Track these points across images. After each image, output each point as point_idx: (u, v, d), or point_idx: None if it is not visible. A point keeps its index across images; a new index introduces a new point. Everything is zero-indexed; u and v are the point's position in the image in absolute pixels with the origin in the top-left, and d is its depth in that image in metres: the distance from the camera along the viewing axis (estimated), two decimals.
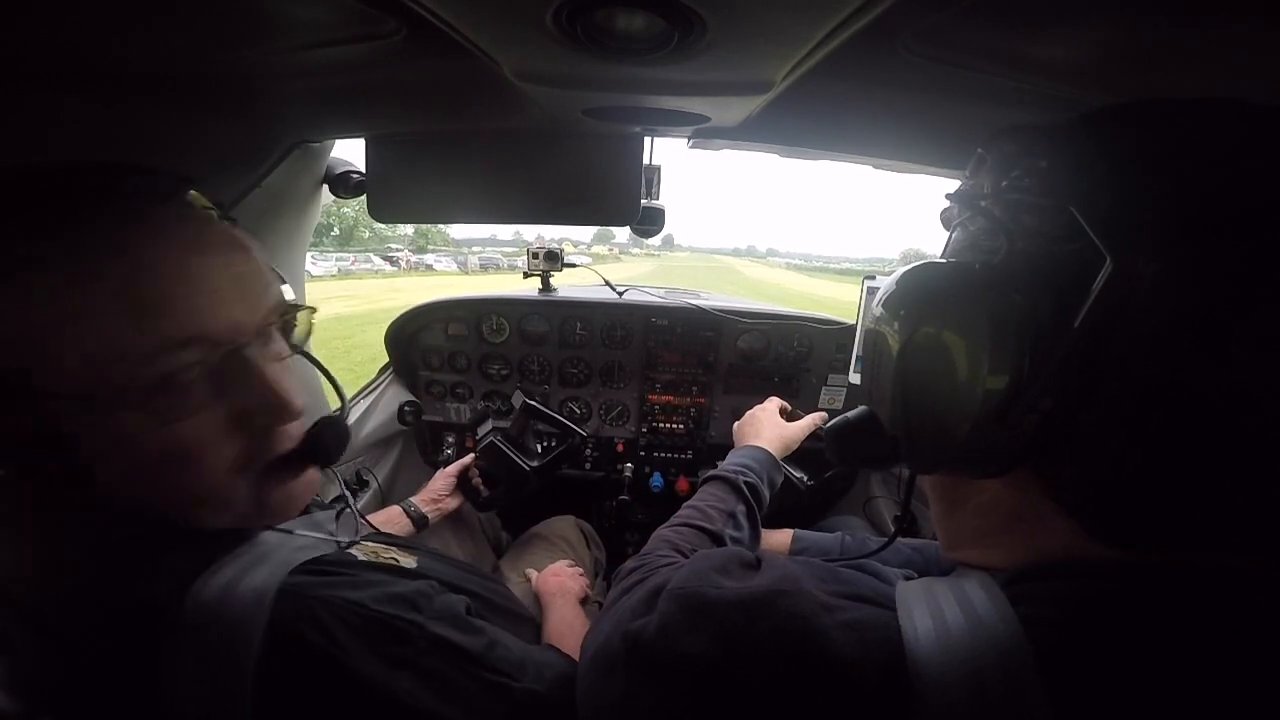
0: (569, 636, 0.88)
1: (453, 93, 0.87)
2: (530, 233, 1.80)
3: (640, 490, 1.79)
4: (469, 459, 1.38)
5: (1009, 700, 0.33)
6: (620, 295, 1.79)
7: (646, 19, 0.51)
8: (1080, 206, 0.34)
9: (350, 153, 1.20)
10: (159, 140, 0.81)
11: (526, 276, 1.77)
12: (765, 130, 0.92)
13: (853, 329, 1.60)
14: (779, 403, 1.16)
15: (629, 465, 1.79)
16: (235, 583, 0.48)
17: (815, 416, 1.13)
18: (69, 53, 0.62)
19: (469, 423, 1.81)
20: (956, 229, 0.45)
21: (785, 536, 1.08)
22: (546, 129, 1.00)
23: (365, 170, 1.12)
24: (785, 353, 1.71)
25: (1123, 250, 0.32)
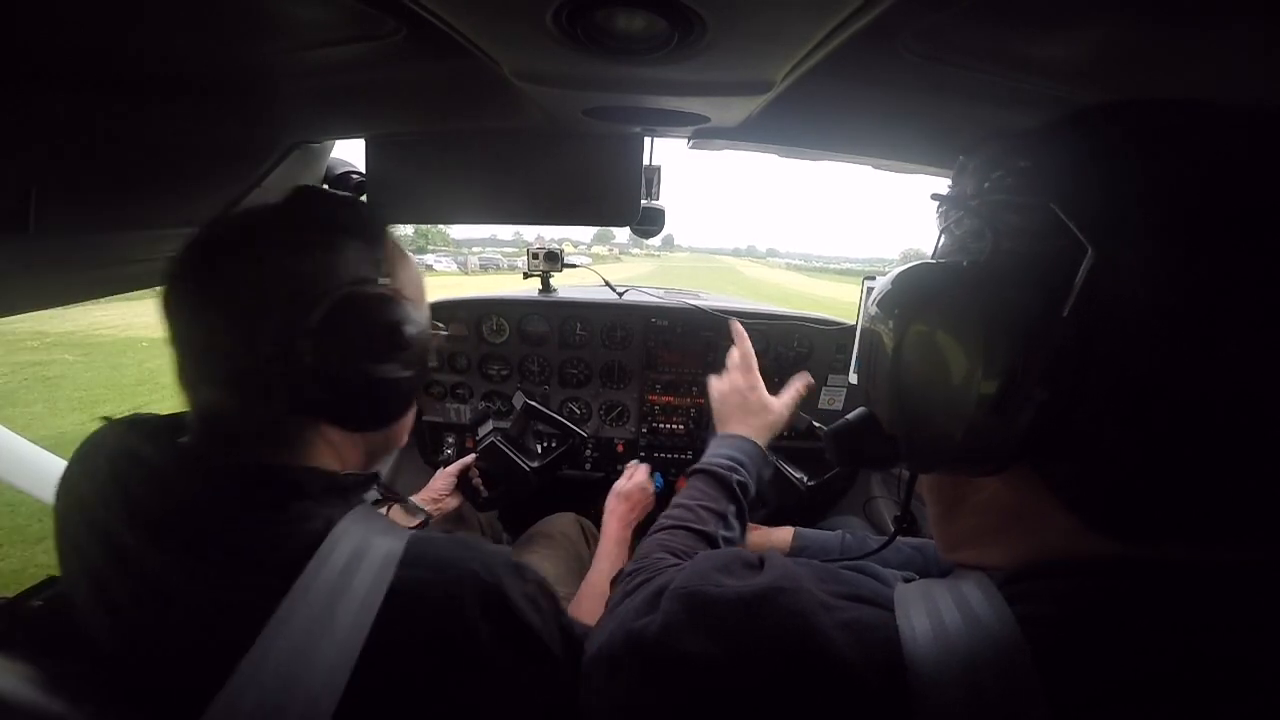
0: (594, 578, 0.99)
1: (453, 93, 0.87)
2: (530, 233, 1.80)
3: None
4: (469, 459, 1.38)
5: (1006, 700, 0.33)
6: (620, 295, 1.79)
7: (646, 19, 0.51)
8: (1061, 202, 0.34)
9: (350, 153, 1.20)
10: (159, 140, 0.81)
11: (526, 277, 1.77)
12: (765, 130, 0.92)
13: (852, 329, 1.59)
14: (755, 378, 0.99)
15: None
16: (369, 537, 0.52)
17: (798, 382, 1.02)
18: (69, 53, 0.62)
19: (469, 423, 1.81)
20: (943, 233, 0.45)
21: (786, 534, 1.08)
22: (546, 129, 1.00)
23: (365, 170, 1.12)
24: (785, 353, 1.71)
25: (1105, 241, 0.32)
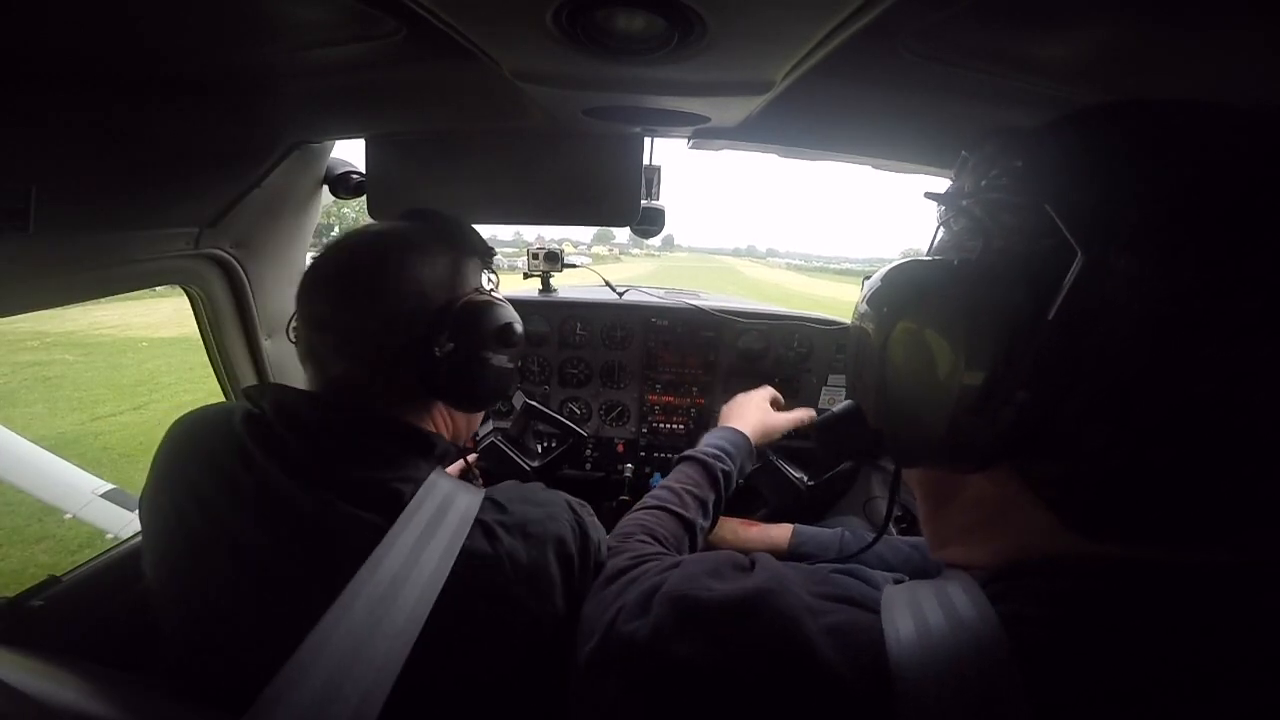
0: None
1: (453, 93, 0.87)
2: (530, 233, 1.80)
3: (640, 490, 1.78)
4: (470, 458, 1.38)
5: (988, 700, 0.33)
6: (620, 295, 1.79)
7: (646, 19, 0.51)
8: (1054, 203, 0.34)
9: (350, 153, 1.20)
10: (159, 140, 0.81)
11: (526, 277, 1.77)
12: (765, 130, 0.92)
13: None
14: (771, 392, 1.16)
15: (629, 465, 1.78)
16: (455, 491, 0.61)
17: (801, 412, 1.13)
18: (70, 53, 0.62)
19: None
20: (941, 229, 0.45)
21: (785, 531, 1.09)
22: (546, 129, 1.00)
23: (365, 170, 1.12)
24: (785, 353, 1.71)
25: (1096, 245, 0.32)
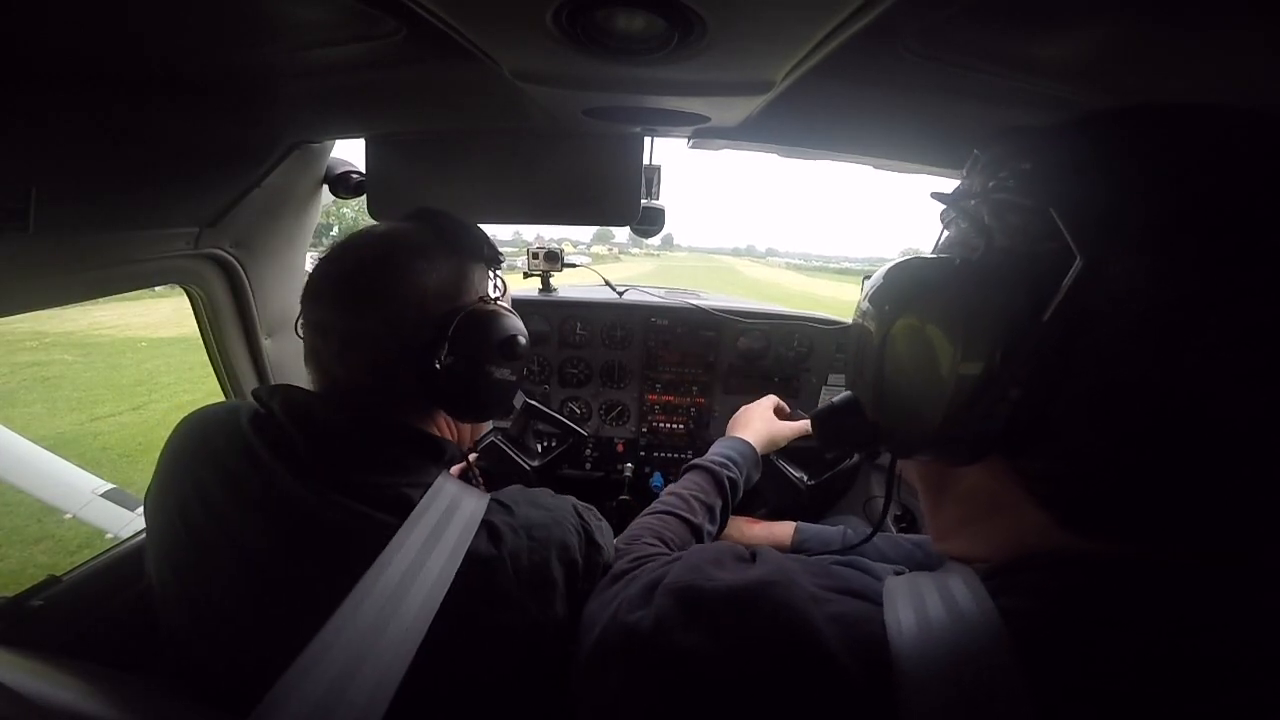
0: None
1: (453, 93, 0.87)
2: (530, 233, 1.80)
3: (640, 490, 1.79)
4: (470, 458, 1.39)
5: (988, 691, 0.33)
6: (620, 295, 1.79)
7: (646, 19, 0.51)
8: (1060, 205, 0.34)
9: (350, 153, 1.20)
10: (159, 140, 0.81)
11: (526, 276, 1.77)
12: (765, 130, 0.92)
13: None
14: (776, 401, 1.17)
15: (629, 465, 1.78)
16: (460, 494, 0.62)
17: (806, 422, 1.14)
18: (70, 53, 0.62)
19: None
20: (947, 227, 0.46)
21: (787, 529, 1.09)
22: (546, 129, 1.00)
23: (365, 170, 1.12)
24: (785, 353, 1.71)
25: (1096, 249, 0.32)
